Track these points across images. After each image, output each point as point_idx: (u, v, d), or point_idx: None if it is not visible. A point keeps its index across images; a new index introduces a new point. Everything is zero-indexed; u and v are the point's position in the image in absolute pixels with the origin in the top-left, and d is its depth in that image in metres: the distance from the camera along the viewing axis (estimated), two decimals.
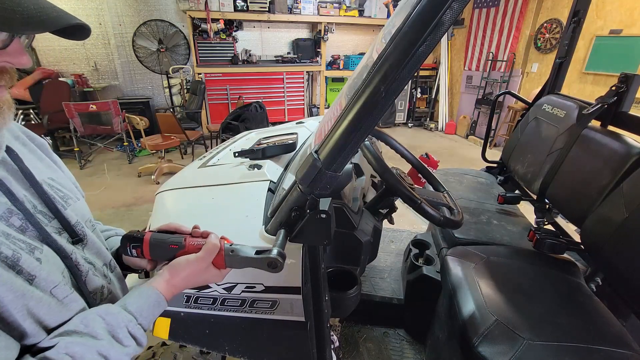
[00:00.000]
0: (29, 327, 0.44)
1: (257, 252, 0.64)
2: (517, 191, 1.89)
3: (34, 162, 0.58)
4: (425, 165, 1.29)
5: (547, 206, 1.69)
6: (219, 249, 0.62)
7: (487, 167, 2.32)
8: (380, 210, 1.21)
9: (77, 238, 0.58)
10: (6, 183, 0.49)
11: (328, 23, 5.77)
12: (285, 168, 1.19)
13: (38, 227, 0.50)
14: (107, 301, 0.60)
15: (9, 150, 0.53)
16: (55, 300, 0.48)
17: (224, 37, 5.43)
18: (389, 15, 5.69)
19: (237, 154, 1.23)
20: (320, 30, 5.77)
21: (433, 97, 6.74)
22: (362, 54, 6.30)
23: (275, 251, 0.63)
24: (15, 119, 0.53)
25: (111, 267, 0.68)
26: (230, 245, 0.65)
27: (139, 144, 4.23)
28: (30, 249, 0.47)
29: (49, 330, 0.47)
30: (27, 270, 0.45)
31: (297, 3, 5.51)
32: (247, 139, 1.55)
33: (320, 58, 5.94)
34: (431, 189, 1.26)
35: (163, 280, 0.59)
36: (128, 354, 0.50)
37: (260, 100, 4.51)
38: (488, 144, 2.35)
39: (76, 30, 0.45)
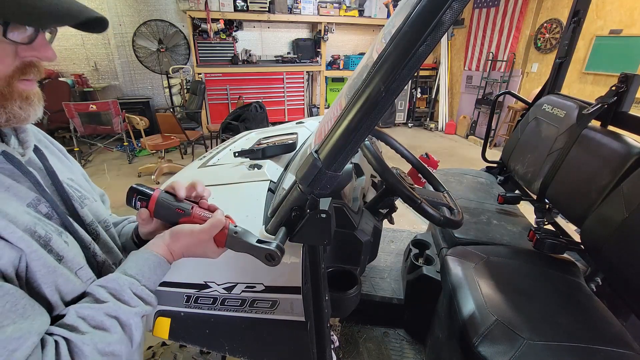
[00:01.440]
0: (55, 302, 0.48)
1: (259, 242, 0.64)
2: (517, 191, 1.89)
3: (55, 162, 0.61)
4: (425, 165, 1.29)
5: (547, 206, 1.69)
6: (223, 226, 0.62)
7: (487, 167, 2.32)
8: (381, 210, 1.21)
9: (90, 236, 0.60)
10: (36, 175, 0.52)
11: (328, 23, 5.77)
12: (285, 168, 1.19)
13: (62, 216, 0.54)
14: None
15: (36, 149, 0.56)
16: (80, 281, 0.51)
17: (224, 37, 5.43)
18: (389, 15, 5.69)
19: (237, 154, 1.23)
20: (320, 30, 5.77)
21: (433, 97, 6.74)
22: (362, 54, 6.30)
23: (274, 244, 0.63)
24: None
25: None
26: (235, 227, 0.64)
27: (139, 144, 4.23)
28: (58, 233, 0.51)
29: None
30: (56, 250, 0.49)
31: (297, 3, 5.51)
32: (247, 139, 1.55)
33: (320, 58, 5.94)
34: (431, 189, 1.26)
35: (163, 243, 0.59)
36: (138, 313, 0.52)
37: (260, 100, 4.51)
38: (488, 144, 2.35)
39: (96, 24, 0.47)
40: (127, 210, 0.66)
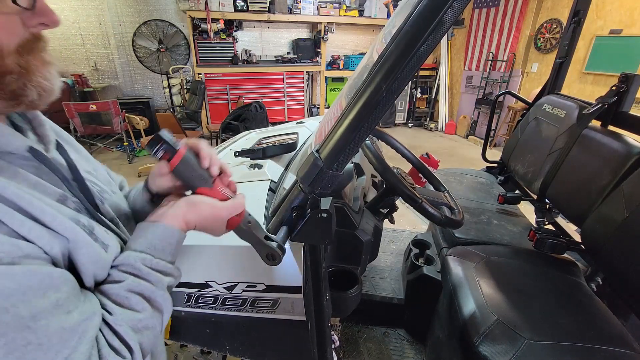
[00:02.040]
0: (91, 284, 0.47)
1: (266, 238, 0.63)
2: (517, 191, 1.89)
3: (74, 156, 0.59)
4: (426, 165, 1.29)
5: (548, 206, 1.69)
6: (242, 210, 0.60)
7: (487, 167, 2.32)
8: (381, 210, 1.21)
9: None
10: (62, 171, 0.51)
11: (328, 23, 5.77)
12: (286, 168, 1.19)
13: (92, 212, 0.52)
14: None
15: (58, 146, 0.55)
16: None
17: (224, 37, 5.43)
18: (389, 15, 5.69)
19: (237, 154, 1.23)
20: (320, 30, 5.77)
21: (433, 97, 6.74)
22: (362, 54, 6.30)
23: (274, 244, 0.63)
24: None
25: None
26: (250, 216, 0.63)
27: (139, 144, 4.24)
28: (92, 226, 0.50)
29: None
30: (101, 239, 0.48)
31: (297, 3, 5.51)
32: (247, 139, 1.55)
33: (320, 58, 5.94)
34: (432, 188, 1.26)
35: (177, 212, 0.55)
36: (160, 287, 0.50)
37: (260, 100, 4.51)
38: (488, 144, 2.35)
39: None
40: None
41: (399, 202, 1.13)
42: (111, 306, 0.45)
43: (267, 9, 5.25)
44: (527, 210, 1.87)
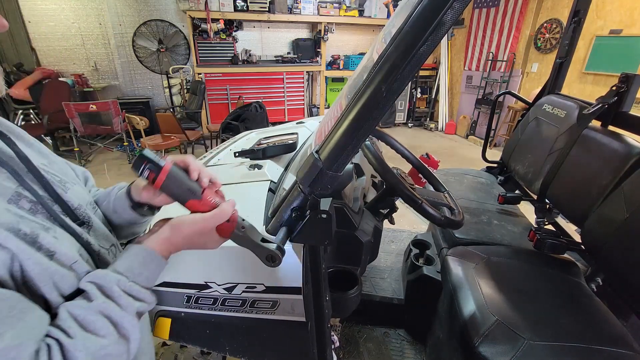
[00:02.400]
0: (55, 299, 0.45)
1: (263, 240, 0.63)
2: (517, 191, 1.89)
3: (24, 148, 0.56)
4: (426, 166, 1.29)
5: (548, 206, 1.69)
6: (228, 217, 0.59)
7: (487, 167, 2.32)
8: (381, 210, 1.21)
9: (79, 221, 0.56)
10: (12, 164, 0.48)
11: (328, 23, 5.76)
12: (286, 168, 1.19)
13: (48, 208, 0.50)
14: None
15: (1, 135, 0.52)
16: (76, 275, 0.49)
17: (224, 37, 5.43)
18: (389, 15, 5.69)
19: (237, 154, 1.23)
20: (320, 30, 5.77)
21: (433, 97, 6.74)
22: (362, 54, 6.30)
23: (273, 245, 0.62)
24: (15, 119, 0.52)
25: (119, 248, 0.67)
26: (243, 221, 0.62)
27: (139, 144, 4.23)
28: (45, 229, 0.48)
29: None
30: (46, 246, 0.46)
31: (297, 3, 5.51)
32: (247, 139, 1.55)
33: (320, 58, 5.94)
34: (432, 189, 1.26)
35: (161, 237, 0.55)
36: (128, 311, 0.48)
37: (260, 100, 4.51)
38: (488, 144, 2.35)
39: None
40: None
41: (399, 202, 1.13)
42: (74, 328, 0.43)
43: (267, 9, 5.25)
44: (527, 210, 1.86)
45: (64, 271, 0.47)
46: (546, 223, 1.66)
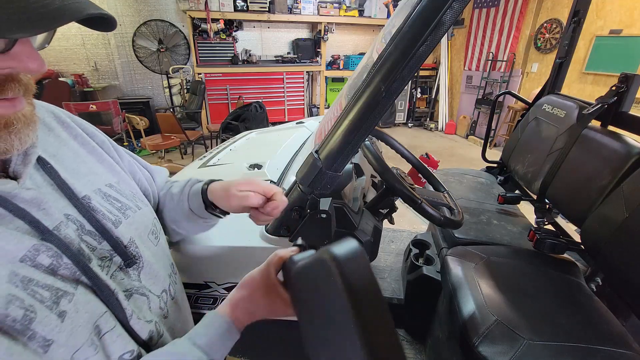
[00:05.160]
0: None
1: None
2: (517, 191, 1.89)
3: (91, 165, 0.51)
4: (426, 165, 1.29)
5: (547, 206, 1.69)
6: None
7: (487, 167, 2.32)
8: (381, 210, 1.20)
9: (129, 261, 0.49)
10: (32, 210, 0.39)
11: (328, 23, 5.76)
12: (286, 168, 1.19)
13: (75, 260, 0.41)
14: (156, 347, 0.51)
15: (41, 162, 0.44)
16: None
17: (224, 37, 5.43)
18: (389, 15, 5.69)
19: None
20: (320, 30, 5.77)
21: (433, 97, 6.74)
22: (362, 54, 6.30)
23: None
24: None
25: (171, 294, 0.59)
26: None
27: (139, 144, 4.23)
28: (55, 299, 0.38)
29: None
30: (41, 334, 0.36)
31: (297, 3, 5.51)
32: (247, 139, 1.55)
33: (320, 58, 5.93)
34: (431, 189, 1.26)
35: (244, 317, 0.52)
36: None
37: (260, 100, 4.51)
38: (488, 144, 2.35)
39: (101, 21, 0.35)
40: None
41: (399, 202, 1.13)
42: None
43: (267, 9, 5.25)
44: (527, 210, 1.86)
45: None
46: (546, 223, 1.66)
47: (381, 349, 0.34)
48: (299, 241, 0.53)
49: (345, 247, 0.39)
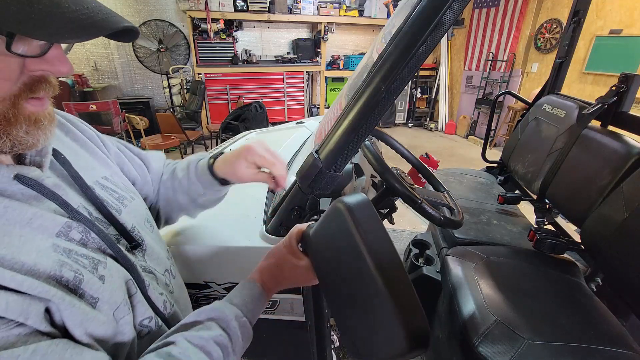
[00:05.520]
0: (87, 341, 0.41)
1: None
2: (517, 191, 1.89)
3: (87, 160, 0.55)
4: (426, 165, 1.28)
5: (547, 206, 1.69)
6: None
7: (487, 167, 2.32)
8: (381, 210, 1.20)
9: (134, 243, 0.54)
10: (59, 193, 0.44)
11: (328, 23, 5.76)
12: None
13: (102, 235, 0.47)
14: (170, 316, 0.57)
15: (56, 154, 0.48)
16: (115, 322, 0.45)
17: (224, 37, 5.42)
18: (389, 15, 5.69)
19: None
20: (320, 30, 5.77)
21: (433, 97, 6.74)
22: (362, 54, 6.30)
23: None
24: None
25: (172, 274, 0.64)
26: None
27: (139, 144, 4.23)
28: (94, 266, 0.44)
29: (100, 342, 0.44)
30: (89, 293, 0.42)
31: (297, 3, 5.51)
32: (247, 139, 1.55)
33: (320, 58, 5.93)
34: (431, 189, 1.26)
35: (273, 284, 0.59)
36: (239, 349, 0.49)
37: (260, 100, 4.51)
38: (488, 144, 2.35)
39: (124, 33, 0.38)
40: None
41: (399, 202, 1.13)
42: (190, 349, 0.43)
43: (267, 9, 5.25)
44: (527, 210, 1.86)
45: (102, 318, 0.43)
46: (546, 223, 1.66)
47: (395, 282, 0.40)
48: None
49: (355, 197, 0.46)
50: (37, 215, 0.41)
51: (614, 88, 1.42)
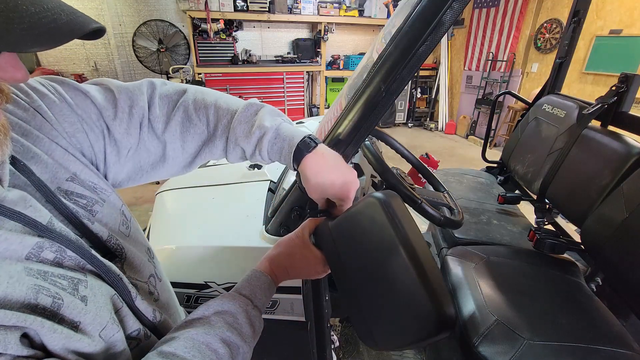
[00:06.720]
0: (74, 358, 0.38)
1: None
2: (517, 191, 1.89)
3: (46, 163, 0.46)
4: (426, 165, 1.28)
5: (547, 206, 1.69)
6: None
7: (487, 167, 2.32)
8: None
9: (109, 255, 0.48)
10: (25, 211, 0.39)
11: (328, 23, 5.76)
12: (286, 168, 1.19)
13: (79, 252, 0.42)
14: (160, 325, 0.53)
15: (14, 161, 0.42)
16: (102, 341, 0.41)
17: (224, 37, 5.42)
18: (389, 15, 5.69)
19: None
20: (320, 30, 5.77)
21: (433, 97, 6.74)
22: (362, 54, 6.30)
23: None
24: None
25: (158, 277, 0.59)
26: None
27: None
28: (74, 286, 0.40)
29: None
30: (69, 318, 0.38)
31: (297, 3, 5.51)
32: None
33: (320, 58, 5.93)
34: (431, 189, 1.26)
35: (267, 263, 0.59)
36: (249, 342, 0.49)
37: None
38: (488, 144, 2.35)
39: (92, 33, 0.36)
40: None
41: None
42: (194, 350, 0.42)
43: (267, 9, 5.24)
44: (527, 210, 1.86)
45: (86, 340, 0.39)
46: (546, 223, 1.66)
47: (428, 271, 0.43)
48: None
49: (387, 193, 0.50)
50: (1, 239, 0.36)
51: (614, 88, 1.42)
